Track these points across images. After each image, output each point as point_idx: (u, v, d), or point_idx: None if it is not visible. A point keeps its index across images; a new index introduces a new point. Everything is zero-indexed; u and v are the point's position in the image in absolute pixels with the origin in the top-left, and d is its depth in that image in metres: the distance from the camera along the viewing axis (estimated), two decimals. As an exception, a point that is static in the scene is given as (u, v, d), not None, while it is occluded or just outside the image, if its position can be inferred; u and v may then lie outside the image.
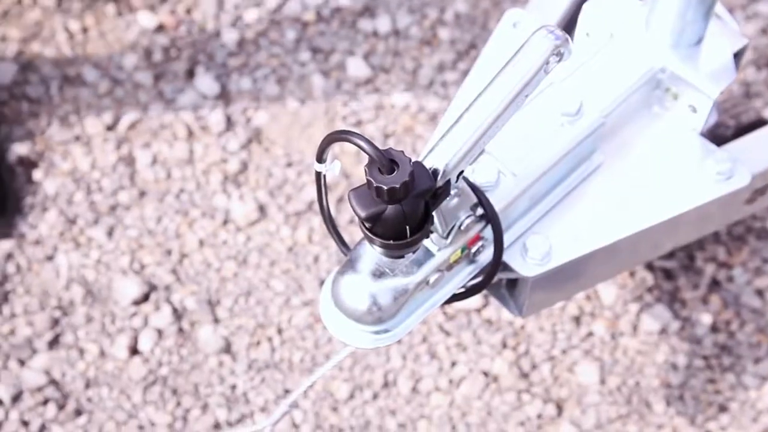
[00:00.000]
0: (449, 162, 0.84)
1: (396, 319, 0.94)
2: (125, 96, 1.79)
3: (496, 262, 0.96)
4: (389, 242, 0.84)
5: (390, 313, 0.92)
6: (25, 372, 1.52)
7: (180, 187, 1.69)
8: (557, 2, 1.17)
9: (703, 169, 1.05)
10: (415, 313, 0.95)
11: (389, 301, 0.91)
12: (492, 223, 0.94)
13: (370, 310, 0.92)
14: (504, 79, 0.85)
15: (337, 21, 1.87)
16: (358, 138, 0.80)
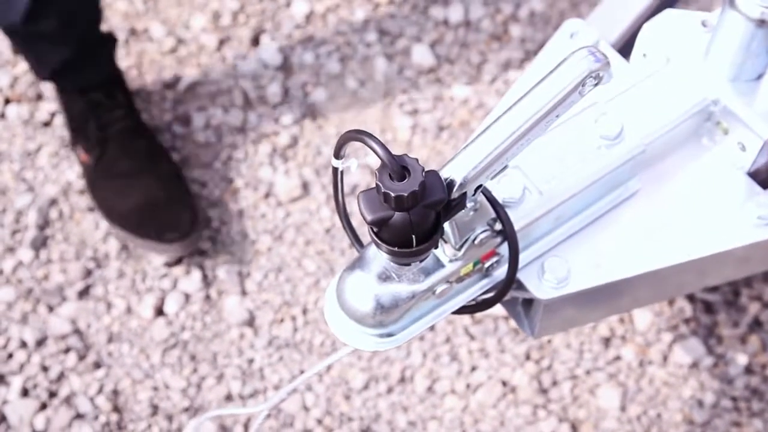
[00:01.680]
0: (467, 175, 0.81)
1: (398, 324, 0.91)
2: (188, 56, 1.79)
3: (508, 281, 0.92)
4: (394, 249, 0.82)
5: (392, 318, 0.90)
6: (52, 318, 1.55)
7: (228, 155, 1.69)
8: (619, 18, 1.13)
9: (744, 211, 0.99)
10: (420, 321, 0.92)
11: (392, 306, 0.89)
12: (509, 241, 0.91)
13: (372, 313, 0.89)
14: (536, 96, 0.82)
15: (409, 5, 1.84)
16: (373, 141, 0.77)
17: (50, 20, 1.47)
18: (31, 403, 1.48)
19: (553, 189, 0.95)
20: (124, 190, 1.56)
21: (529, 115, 0.81)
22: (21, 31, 1.48)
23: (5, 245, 1.61)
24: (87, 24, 1.55)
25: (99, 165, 1.59)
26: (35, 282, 1.58)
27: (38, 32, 1.48)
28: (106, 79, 1.62)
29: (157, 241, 1.53)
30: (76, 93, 1.61)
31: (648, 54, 1.06)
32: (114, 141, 1.59)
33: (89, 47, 1.57)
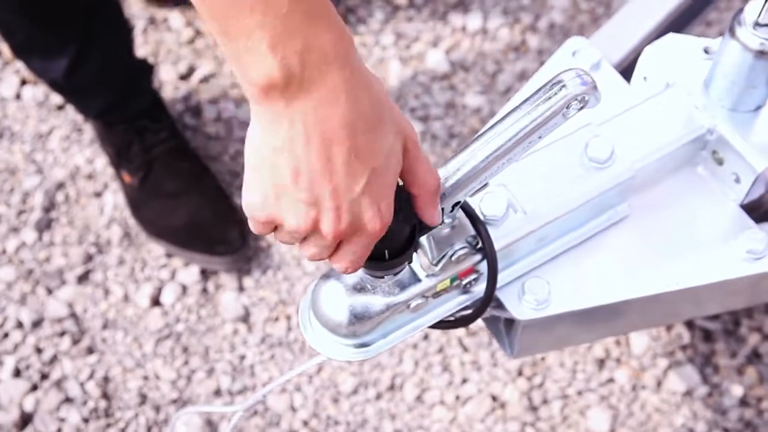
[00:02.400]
0: (443, 192, 0.80)
1: (371, 335, 0.91)
2: (205, 49, 1.80)
3: (486, 300, 0.91)
4: (367, 261, 0.81)
5: (365, 329, 0.89)
6: (50, 301, 1.56)
7: (237, 149, 1.69)
8: (623, 39, 1.11)
9: (734, 244, 0.98)
10: (393, 334, 0.92)
11: (365, 317, 0.88)
12: (488, 260, 0.90)
13: (345, 323, 0.89)
14: (518, 115, 0.80)
15: (429, 10, 1.83)
16: None
17: (90, 71, 1.47)
18: (22, 384, 1.49)
19: (538, 209, 0.93)
20: (171, 210, 1.56)
21: (510, 135, 0.80)
22: (63, 85, 1.49)
23: (10, 225, 1.62)
24: (125, 63, 1.55)
25: (144, 185, 1.59)
26: (36, 263, 1.59)
27: (80, 84, 1.49)
28: (150, 106, 1.62)
29: (209, 254, 1.53)
30: (121, 122, 1.61)
31: (648, 77, 1.04)
32: (159, 162, 1.59)
33: (130, 83, 1.58)
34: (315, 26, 0.60)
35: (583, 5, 1.82)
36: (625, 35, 1.12)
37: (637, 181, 0.98)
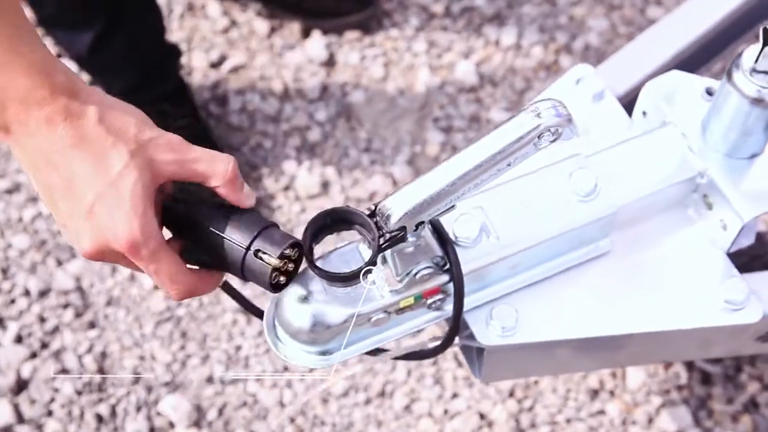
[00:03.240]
0: (407, 210, 0.80)
1: (331, 345, 0.91)
2: (238, 39, 1.81)
3: (453, 328, 0.91)
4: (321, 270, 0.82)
5: (325, 337, 0.90)
6: (58, 272, 1.59)
7: (258, 142, 1.71)
8: (630, 71, 1.09)
9: (714, 292, 0.95)
10: (354, 345, 0.92)
11: (325, 326, 0.89)
12: (455, 283, 0.89)
13: (305, 329, 0.89)
14: (488, 141, 0.80)
15: (464, 21, 1.82)
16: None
17: (115, 49, 1.49)
18: (22, 350, 1.52)
19: (513, 236, 0.93)
20: None
21: (478, 160, 0.80)
22: (87, 60, 1.51)
23: (29, 195, 1.66)
24: (152, 46, 1.57)
25: None
26: (50, 235, 1.62)
27: (104, 61, 1.51)
28: (173, 91, 1.64)
29: None
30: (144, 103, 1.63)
31: (648, 113, 1.03)
32: None
33: (156, 66, 1.60)
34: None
35: (621, 29, 1.80)
36: (634, 68, 1.10)
37: (620, 217, 0.96)
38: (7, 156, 1.70)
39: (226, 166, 0.74)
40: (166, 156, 0.71)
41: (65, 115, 0.66)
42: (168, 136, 0.72)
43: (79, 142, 0.67)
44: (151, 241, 0.71)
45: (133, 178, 0.69)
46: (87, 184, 0.68)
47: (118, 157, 0.69)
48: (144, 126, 0.72)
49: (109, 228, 0.69)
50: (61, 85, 0.66)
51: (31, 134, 0.66)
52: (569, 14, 1.82)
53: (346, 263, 0.89)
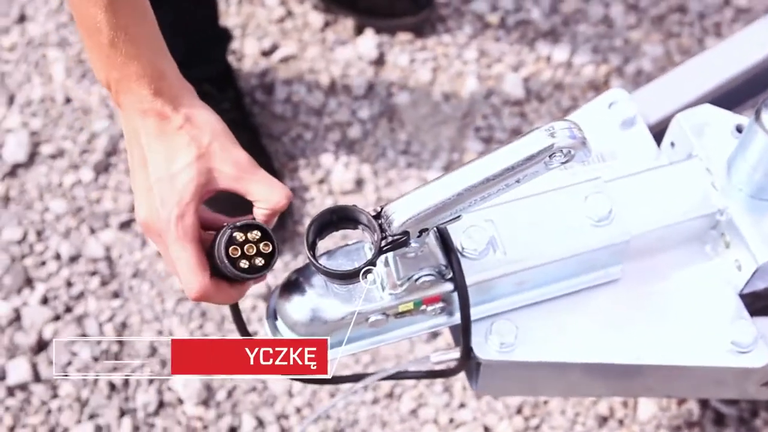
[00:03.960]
0: (410, 216, 0.81)
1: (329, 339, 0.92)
2: (292, 30, 1.83)
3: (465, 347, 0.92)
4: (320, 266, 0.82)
5: (322, 331, 0.90)
6: (91, 240, 1.62)
7: (298, 133, 1.72)
8: (665, 101, 1.08)
9: (721, 332, 0.94)
10: (351, 344, 0.92)
11: (322, 321, 0.89)
12: (459, 294, 0.89)
13: (303, 322, 0.90)
14: (499, 155, 0.80)
15: (518, 33, 1.81)
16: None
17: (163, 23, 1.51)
18: (46, 312, 1.56)
19: (521, 252, 0.92)
20: None
21: (486, 173, 0.80)
22: None
23: (71, 161, 1.69)
24: (201, 26, 1.59)
25: None
26: (87, 203, 1.66)
27: None
28: (218, 74, 1.66)
29: None
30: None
31: (675, 144, 1.01)
32: None
33: (202, 46, 1.61)
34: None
35: (676, 57, 1.77)
36: (669, 97, 1.09)
37: (634, 246, 0.95)
38: (55, 122, 1.73)
39: (280, 200, 0.83)
40: (227, 169, 0.81)
41: (156, 113, 0.79)
42: (239, 153, 0.82)
43: (161, 134, 0.80)
44: (180, 231, 0.79)
45: (189, 176, 0.79)
46: (155, 167, 0.79)
47: (185, 156, 0.79)
48: (220, 139, 0.81)
49: (156, 208, 0.80)
50: (162, 91, 0.80)
51: (130, 117, 0.80)
52: (625, 37, 1.80)
53: (350, 261, 0.90)
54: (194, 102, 0.82)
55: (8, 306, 1.56)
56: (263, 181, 0.82)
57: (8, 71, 1.78)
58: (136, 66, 0.78)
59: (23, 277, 1.59)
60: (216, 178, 0.80)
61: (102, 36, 0.77)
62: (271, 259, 0.81)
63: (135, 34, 0.78)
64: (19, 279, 1.59)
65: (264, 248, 0.81)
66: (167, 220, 0.78)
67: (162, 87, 0.79)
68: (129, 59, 0.78)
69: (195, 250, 0.79)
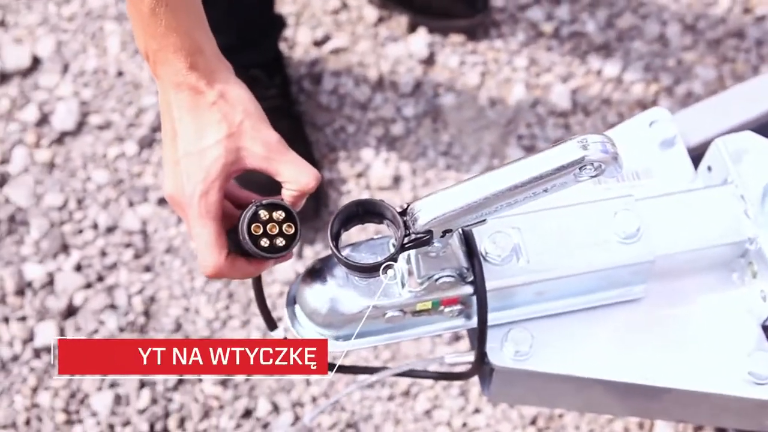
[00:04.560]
0: (435, 217, 0.81)
1: (345, 331, 0.92)
2: (346, 22, 1.84)
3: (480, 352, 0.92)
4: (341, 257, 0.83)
5: (339, 321, 0.91)
6: (128, 213, 1.65)
7: (342, 125, 1.73)
8: (707, 125, 1.07)
9: (738, 361, 0.93)
10: (366, 337, 0.93)
11: (340, 311, 0.90)
12: (478, 298, 0.89)
13: (322, 311, 0.91)
14: (530, 163, 0.80)
15: (571, 45, 1.80)
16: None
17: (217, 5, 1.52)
18: (79, 279, 1.58)
19: (544, 262, 0.92)
20: None
21: (514, 181, 0.80)
22: None
23: (117, 134, 1.72)
24: (256, 11, 1.60)
25: None
26: (128, 176, 1.68)
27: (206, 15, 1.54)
28: (267, 60, 1.67)
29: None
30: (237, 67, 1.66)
31: (713, 168, 1.00)
32: None
33: (254, 33, 1.62)
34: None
35: (728, 82, 1.75)
36: (711, 121, 1.08)
37: (659, 267, 0.94)
38: (105, 93, 1.76)
39: (309, 182, 0.82)
40: (257, 149, 0.80)
41: (190, 87, 0.79)
42: (270, 133, 0.81)
43: (193, 109, 0.79)
44: (202, 208, 0.79)
45: (218, 153, 0.79)
46: (184, 141, 0.79)
47: (215, 133, 0.79)
48: (252, 118, 0.81)
49: (182, 183, 0.80)
50: (198, 67, 0.80)
51: (165, 89, 0.80)
52: (678, 58, 1.78)
53: (373, 255, 0.90)
54: (229, 79, 0.82)
55: (43, 269, 1.59)
56: (292, 163, 0.81)
57: (65, 40, 1.81)
58: (175, 38, 0.78)
59: (60, 243, 1.62)
60: (245, 157, 0.80)
61: (143, 4, 0.77)
62: (292, 241, 0.81)
63: (176, 6, 0.78)
64: (56, 244, 1.62)
65: (287, 229, 0.81)
66: (191, 195, 0.79)
67: (198, 61, 0.79)
68: (168, 30, 0.78)
69: (214, 228, 0.79)
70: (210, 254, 0.80)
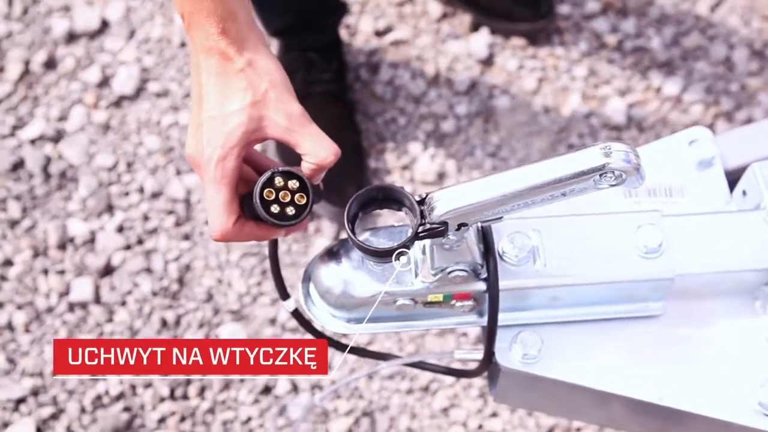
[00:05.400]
0: (451, 209, 0.81)
1: (356, 314, 0.93)
2: (410, 15, 1.84)
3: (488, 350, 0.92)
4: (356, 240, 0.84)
5: (350, 303, 0.91)
6: (174, 181, 1.67)
7: (393, 116, 1.74)
8: (748, 149, 1.05)
9: (750, 391, 0.91)
10: (379, 323, 0.93)
11: (351, 294, 0.90)
12: (489, 296, 0.89)
13: (335, 290, 0.91)
14: (551, 165, 0.79)
15: (633, 59, 1.78)
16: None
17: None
18: (119, 240, 1.62)
19: (560, 268, 0.91)
20: None
21: (533, 182, 0.79)
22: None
23: (173, 103, 1.75)
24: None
25: None
26: (179, 145, 1.71)
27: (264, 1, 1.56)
28: (326, 44, 1.69)
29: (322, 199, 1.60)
30: (295, 48, 1.68)
31: (747, 193, 0.98)
32: (313, 98, 1.65)
33: (315, 16, 1.64)
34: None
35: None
36: (754, 146, 1.05)
37: (680, 286, 0.93)
38: (167, 62, 1.80)
39: (327, 156, 0.83)
40: (280, 119, 0.81)
41: (220, 53, 0.80)
42: (293, 105, 0.82)
43: (221, 74, 0.80)
44: (218, 172, 0.81)
45: (240, 120, 0.80)
46: (209, 105, 0.81)
47: (240, 100, 0.80)
48: (278, 89, 0.81)
49: (202, 145, 0.81)
50: (229, 33, 0.80)
51: (196, 52, 0.82)
52: (743, 83, 1.75)
53: (390, 241, 0.90)
54: (259, 48, 0.82)
55: (86, 227, 1.63)
56: (313, 136, 0.82)
57: (134, 7, 1.85)
58: (209, 2, 0.79)
59: (105, 203, 1.65)
60: (266, 126, 0.81)
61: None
62: (302, 211, 0.82)
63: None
64: (102, 204, 1.65)
65: (299, 199, 0.82)
66: (209, 159, 0.80)
67: (230, 28, 0.80)
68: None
69: (227, 194, 0.81)
70: (219, 218, 0.81)
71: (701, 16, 1.80)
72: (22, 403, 1.49)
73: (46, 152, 1.69)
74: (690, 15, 1.80)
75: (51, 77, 1.77)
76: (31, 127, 1.71)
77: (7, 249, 1.61)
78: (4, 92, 1.75)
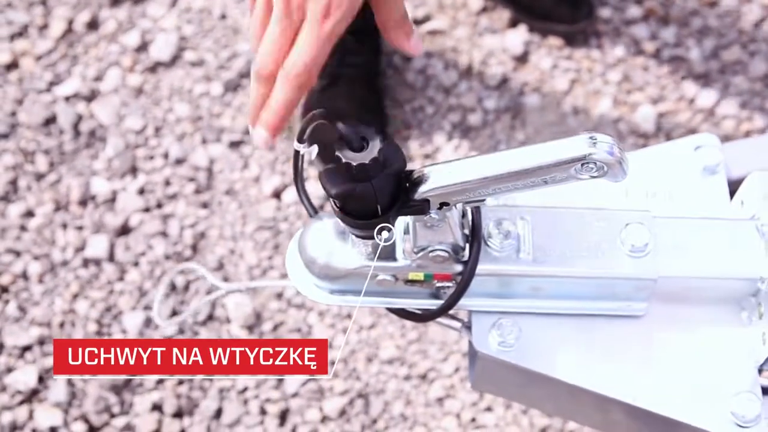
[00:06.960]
0: (432, 187, 0.81)
1: (338, 285, 0.93)
2: (449, 6, 1.84)
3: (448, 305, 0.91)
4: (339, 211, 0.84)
5: (333, 274, 0.92)
6: (199, 149, 1.70)
7: (421, 104, 1.74)
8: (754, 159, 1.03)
9: (724, 400, 0.89)
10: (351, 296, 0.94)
11: (332, 264, 0.91)
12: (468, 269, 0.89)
13: (318, 260, 0.92)
14: (534, 151, 0.79)
15: (669, 68, 1.76)
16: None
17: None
18: (139, 201, 1.65)
19: (544, 258, 0.91)
20: None
21: (514, 166, 0.79)
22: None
23: (206, 73, 1.77)
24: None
25: (322, 95, 1.68)
26: (208, 115, 1.74)
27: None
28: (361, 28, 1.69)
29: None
30: None
31: (745, 202, 0.97)
32: (343, 80, 1.66)
33: None
34: None
35: (825, 136, 1.68)
36: (762, 156, 1.04)
37: (664, 288, 0.92)
38: (205, 33, 1.82)
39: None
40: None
41: None
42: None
43: None
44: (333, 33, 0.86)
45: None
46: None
47: None
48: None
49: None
50: None
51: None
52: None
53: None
54: None
55: (109, 186, 1.66)
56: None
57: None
58: None
59: (130, 165, 1.68)
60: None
61: None
62: None
63: None
64: (126, 165, 1.68)
65: None
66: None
67: None
68: None
69: None
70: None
71: (744, 30, 1.77)
72: (27, 351, 1.52)
73: (79, 110, 1.73)
74: (733, 29, 1.77)
75: (92, 38, 1.80)
76: (66, 84, 1.75)
77: (31, 201, 1.65)
78: (45, 48, 1.79)
